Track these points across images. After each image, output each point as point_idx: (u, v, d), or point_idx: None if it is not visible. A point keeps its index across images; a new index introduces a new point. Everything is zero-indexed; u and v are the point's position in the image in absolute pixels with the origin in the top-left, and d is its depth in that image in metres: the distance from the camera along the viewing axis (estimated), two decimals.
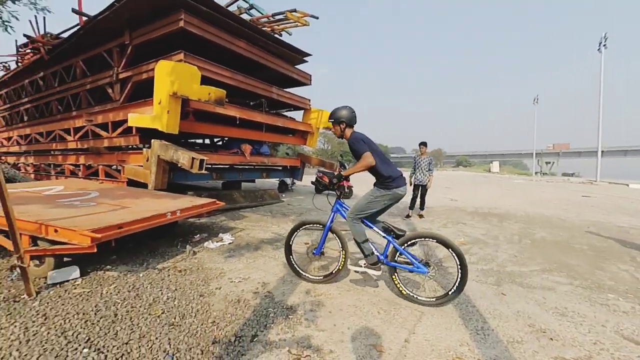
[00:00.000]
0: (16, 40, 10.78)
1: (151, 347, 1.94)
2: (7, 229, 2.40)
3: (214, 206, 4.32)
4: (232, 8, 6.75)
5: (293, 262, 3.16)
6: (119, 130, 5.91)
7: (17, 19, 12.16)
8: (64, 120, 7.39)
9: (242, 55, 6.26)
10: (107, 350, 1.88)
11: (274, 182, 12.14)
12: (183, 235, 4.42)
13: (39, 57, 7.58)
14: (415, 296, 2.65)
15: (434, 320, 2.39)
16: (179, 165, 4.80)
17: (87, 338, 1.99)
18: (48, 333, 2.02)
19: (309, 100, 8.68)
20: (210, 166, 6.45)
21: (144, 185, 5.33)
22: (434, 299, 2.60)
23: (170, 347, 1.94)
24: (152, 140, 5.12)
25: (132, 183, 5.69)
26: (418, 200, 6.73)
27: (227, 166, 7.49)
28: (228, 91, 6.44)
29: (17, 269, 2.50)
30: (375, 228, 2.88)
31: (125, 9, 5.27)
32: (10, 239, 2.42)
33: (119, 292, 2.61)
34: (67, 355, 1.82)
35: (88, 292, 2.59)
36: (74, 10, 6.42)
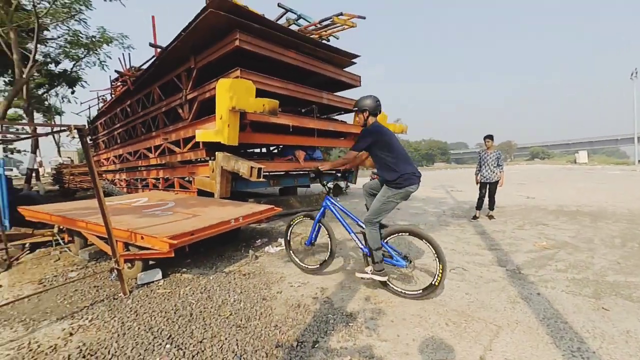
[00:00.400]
0: (110, 76, 12.89)
1: (221, 347, 2.06)
2: (106, 236, 2.82)
3: (272, 212, 4.51)
4: (282, 21, 7.04)
5: (292, 254, 3.56)
6: (189, 145, 6.58)
7: (109, 57, 14.37)
8: (146, 140, 8.53)
9: (292, 64, 6.47)
10: (185, 348, 2.06)
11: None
12: (246, 240, 4.70)
13: (126, 88, 8.91)
14: (398, 289, 2.73)
15: (515, 336, 2.10)
16: (240, 175, 5.13)
17: (168, 335, 2.21)
18: (138, 328, 2.30)
19: None
20: (267, 174, 6.77)
21: (211, 195, 5.83)
22: (418, 292, 2.66)
23: (238, 348, 2.04)
24: (217, 153, 5.58)
25: (201, 193, 6.28)
26: (486, 199, 6.10)
27: (282, 173, 7.79)
28: (280, 100, 6.71)
29: (115, 271, 2.91)
30: (359, 222, 3.02)
31: (190, 37, 5.88)
32: (109, 245, 2.84)
33: (193, 293, 2.87)
34: (154, 350, 2.05)
35: (169, 293, 2.89)
36: (150, 44, 7.42)
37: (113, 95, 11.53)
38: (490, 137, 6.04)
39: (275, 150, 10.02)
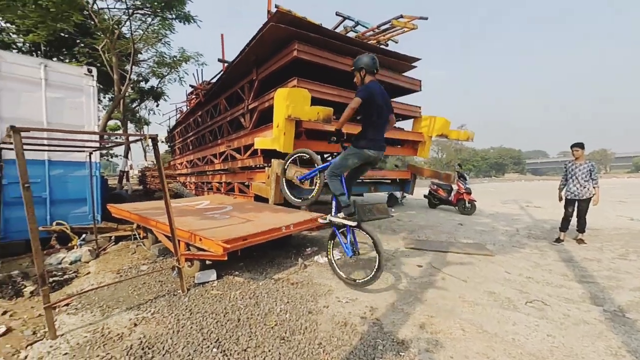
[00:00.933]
0: (186, 90, 14.47)
1: (264, 358, 2.02)
2: (171, 235, 3.05)
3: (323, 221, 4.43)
4: (339, 29, 7.07)
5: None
6: (249, 152, 6.96)
7: (187, 74, 16.10)
8: (213, 147, 9.30)
9: (349, 71, 6.41)
10: (230, 354, 2.06)
11: (382, 195, 11.81)
12: (297, 248, 4.71)
13: (198, 100, 9.89)
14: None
15: None
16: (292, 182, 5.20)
17: (216, 338, 2.25)
18: (191, 327, 2.40)
19: (419, 107, 8.11)
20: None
21: (266, 200, 6.03)
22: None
23: None
24: (272, 160, 5.76)
25: (257, 198, 6.55)
26: (574, 219, 5.15)
27: None
28: (336, 108, 6.70)
29: (176, 269, 3.13)
30: (346, 194, 3.19)
31: (253, 50, 6.25)
32: (172, 243, 3.06)
33: (242, 297, 2.92)
34: (202, 352, 2.10)
35: (221, 295, 2.99)
36: (219, 60, 8.12)
37: (188, 107, 12.93)
38: (579, 145, 5.11)
39: (330, 158, 10.05)
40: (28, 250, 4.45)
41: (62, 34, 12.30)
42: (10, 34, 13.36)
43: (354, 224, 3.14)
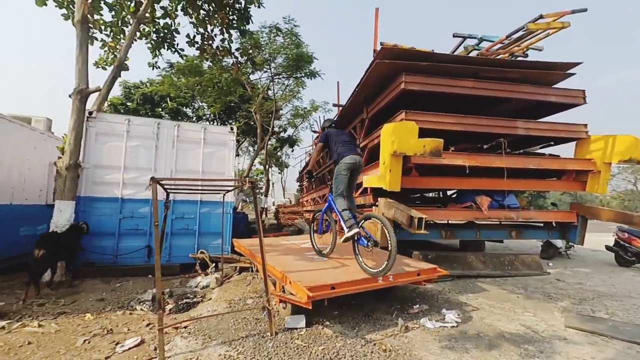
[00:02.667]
0: (312, 135, 16.23)
1: None
2: (262, 275, 3.14)
3: (432, 274, 3.65)
4: (459, 50, 6.34)
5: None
6: (359, 191, 6.84)
7: (315, 121, 18.16)
8: (320, 189, 9.77)
9: (471, 94, 5.53)
10: None
11: (533, 243, 9.08)
12: (402, 302, 4.00)
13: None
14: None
15: None
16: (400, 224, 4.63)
17: None
18: None
19: (585, 125, 6.02)
20: (431, 222, 5.81)
21: None
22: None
23: None
24: (379, 199, 5.40)
25: None
26: None
27: (462, 222, 6.48)
28: (455, 137, 5.83)
29: (265, 310, 3.15)
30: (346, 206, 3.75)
31: (362, 90, 6.37)
32: (264, 282, 3.13)
33: (323, 356, 2.59)
34: None
35: (304, 347, 2.76)
36: (334, 105, 8.73)
37: (313, 149, 14.42)
38: None
39: (454, 195, 8.69)
40: (182, 272, 5.62)
41: (230, 104, 16.43)
42: (204, 108, 18.82)
43: (355, 231, 3.50)
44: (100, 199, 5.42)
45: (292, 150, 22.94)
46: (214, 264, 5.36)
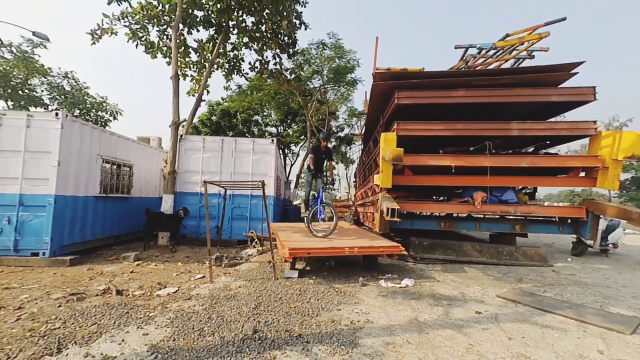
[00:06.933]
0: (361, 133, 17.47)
1: (280, 313, 3.28)
2: (269, 242, 4.94)
3: (392, 250, 4.88)
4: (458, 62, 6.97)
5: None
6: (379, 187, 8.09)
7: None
8: (366, 183, 11.07)
9: (464, 102, 6.27)
10: (272, 306, 3.48)
11: (565, 239, 8.71)
12: (382, 273, 5.18)
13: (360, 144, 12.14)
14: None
15: None
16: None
17: (267, 300, 3.73)
18: (262, 292, 4.02)
19: (594, 122, 6.04)
20: (430, 214, 6.68)
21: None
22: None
23: (296, 328, 3.18)
24: (379, 194, 6.65)
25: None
26: None
27: (464, 215, 7.17)
28: (446, 141, 6.65)
29: (271, 263, 4.94)
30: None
31: (372, 103, 7.60)
32: (270, 247, 4.93)
33: (297, 290, 4.23)
34: (262, 302, 3.65)
35: (289, 285, 4.43)
36: (360, 113, 9.98)
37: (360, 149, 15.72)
38: None
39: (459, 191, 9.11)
40: (238, 244, 7.88)
41: (291, 111, 18.88)
42: (270, 115, 21.72)
43: (306, 214, 5.92)
44: (188, 193, 8.08)
45: (350, 148, 24.39)
46: (257, 240, 7.47)
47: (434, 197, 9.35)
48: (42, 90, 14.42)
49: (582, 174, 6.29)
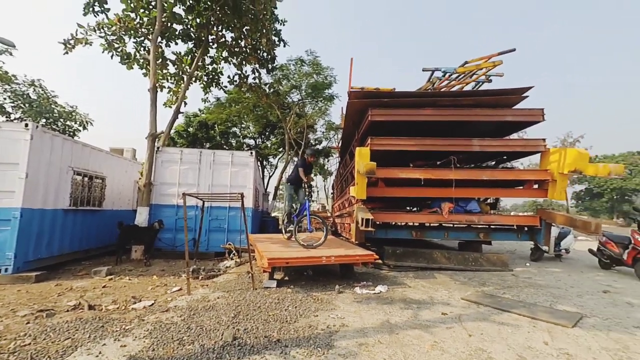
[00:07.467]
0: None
1: (259, 319, 3.38)
2: (248, 253, 5.03)
3: (366, 258, 5.15)
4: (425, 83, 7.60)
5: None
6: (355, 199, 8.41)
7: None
8: (343, 195, 11.41)
9: (430, 120, 6.80)
10: (249, 314, 3.56)
11: (526, 246, 9.45)
12: (357, 280, 5.45)
13: (337, 157, 12.54)
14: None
15: None
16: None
17: (245, 309, 3.81)
18: (240, 302, 4.09)
19: (543, 140, 6.78)
20: (403, 224, 7.06)
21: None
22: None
23: (276, 334, 3.28)
24: (355, 205, 6.95)
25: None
26: None
27: (436, 225, 7.63)
28: (416, 155, 7.13)
29: (249, 274, 5.03)
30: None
31: (348, 120, 8.01)
32: (249, 258, 5.02)
33: (277, 299, 4.34)
34: (240, 312, 3.72)
35: (267, 295, 4.54)
36: (336, 127, 10.41)
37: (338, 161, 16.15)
38: None
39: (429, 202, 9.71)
40: (216, 257, 7.83)
41: (270, 124, 19.06)
42: (249, 127, 21.75)
43: (290, 227, 6.18)
44: (164, 205, 7.96)
45: (328, 160, 24.84)
46: (235, 252, 7.47)
47: (407, 208, 9.82)
48: (5, 99, 13.68)
49: (535, 186, 6.98)
